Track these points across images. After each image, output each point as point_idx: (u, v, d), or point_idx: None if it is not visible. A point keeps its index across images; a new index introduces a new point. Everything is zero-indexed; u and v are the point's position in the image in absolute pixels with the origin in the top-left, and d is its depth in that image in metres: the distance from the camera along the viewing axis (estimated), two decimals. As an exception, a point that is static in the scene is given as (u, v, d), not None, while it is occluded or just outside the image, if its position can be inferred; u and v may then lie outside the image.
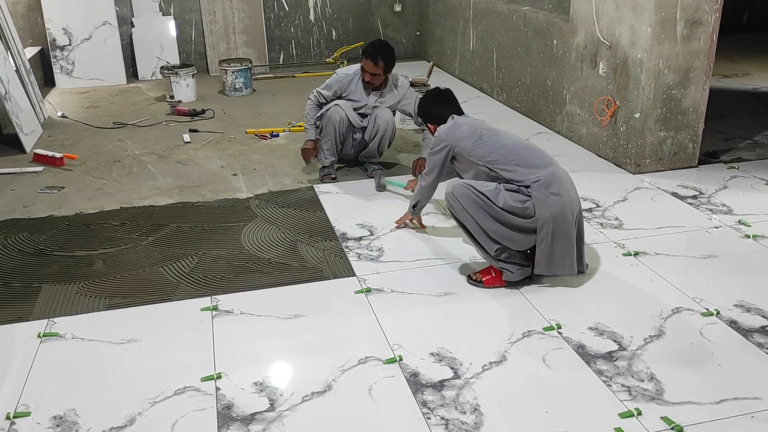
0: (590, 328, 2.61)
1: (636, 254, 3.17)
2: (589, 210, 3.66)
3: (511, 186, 2.77)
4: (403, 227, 3.50)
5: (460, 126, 2.97)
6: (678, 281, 2.94)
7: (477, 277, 2.94)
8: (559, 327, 2.62)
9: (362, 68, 4.01)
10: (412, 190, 3.65)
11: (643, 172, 4.16)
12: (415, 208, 3.33)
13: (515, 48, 5.51)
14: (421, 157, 3.97)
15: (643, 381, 2.30)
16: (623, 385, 2.28)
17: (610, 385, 2.29)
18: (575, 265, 2.82)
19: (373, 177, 4.16)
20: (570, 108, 4.75)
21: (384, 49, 3.96)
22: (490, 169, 2.82)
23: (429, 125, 3.19)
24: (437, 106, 3.13)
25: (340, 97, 4.12)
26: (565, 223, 2.75)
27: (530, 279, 2.92)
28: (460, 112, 3.10)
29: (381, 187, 4.00)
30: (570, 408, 2.20)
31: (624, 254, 3.18)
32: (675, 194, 3.86)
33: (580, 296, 2.84)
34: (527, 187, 2.75)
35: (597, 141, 4.47)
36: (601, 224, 3.49)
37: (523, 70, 5.42)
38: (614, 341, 2.53)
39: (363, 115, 4.13)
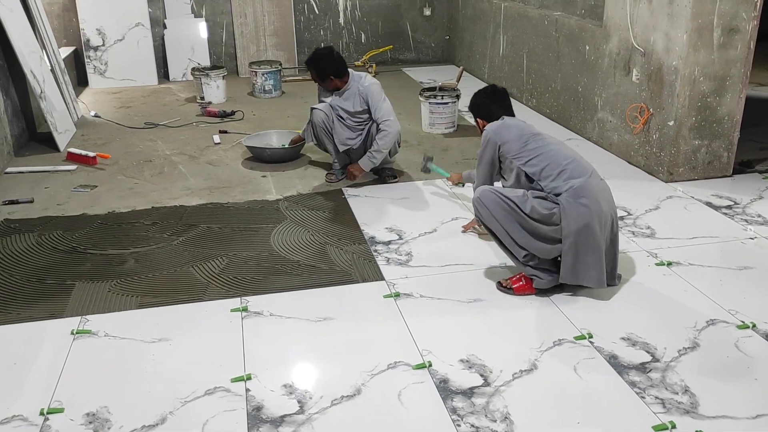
0: (622, 339, 2.57)
1: (669, 264, 3.13)
2: (621, 218, 3.62)
3: (540, 193, 2.75)
4: (472, 232, 3.49)
5: (509, 127, 2.95)
6: (712, 292, 2.89)
7: (507, 284, 2.92)
8: (591, 336, 2.59)
9: None
10: (454, 183, 3.89)
11: (675, 181, 4.10)
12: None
13: (546, 53, 5.47)
14: (356, 164, 4.11)
15: (677, 393, 2.27)
16: (657, 398, 2.25)
17: (644, 397, 2.25)
18: (603, 278, 2.76)
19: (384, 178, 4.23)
20: (601, 115, 4.70)
21: (313, 59, 4.05)
22: (528, 175, 2.81)
23: (478, 120, 3.17)
24: (490, 104, 3.11)
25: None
26: (592, 235, 2.70)
27: (561, 287, 2.89)
28: (512, 114, 3.09)
29: (425, 170, 4.06)
30: (602, 419, 2.17)
31: (656, 264, 3.13)
32: (709, 204, 3.80)
33: (612, 305, 2.81)
34: (557, 194, 2.72)
35: (629, 148, 4.42)
36: (633, 233, 3.45)
37: (553, 76, 5.38)
38: (647, 352, 2.49)
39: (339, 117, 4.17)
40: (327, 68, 4.03)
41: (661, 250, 3.27)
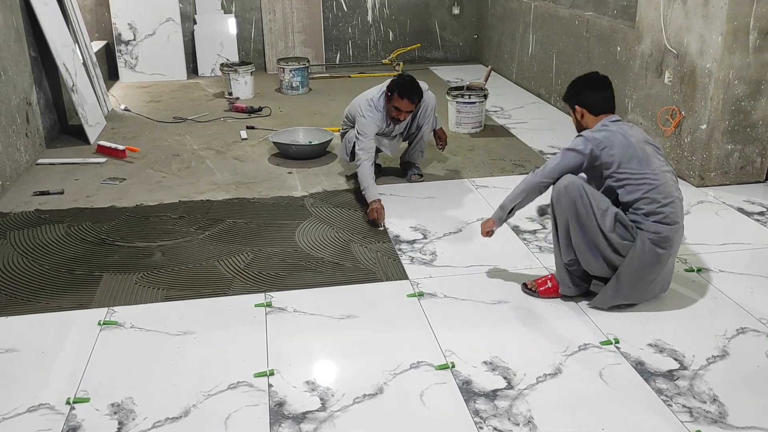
0: (650, 345, 2.53)
1: (699, 270, 3.07)
2: (650, 222, 3.57)
3: (625, 218, 2.59)
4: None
5: (614, 134, 2.62)
6: (743, 300, 2.83)
7: (532, 286, 2.89)
8: (617, 342, 2.55)
9: (395, 107, 3.75)
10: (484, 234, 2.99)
11: (707, 186, 4.03)
12: (510, 213, 2.85)
13: (576, 54, 5.41)
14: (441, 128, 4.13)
15: (705, 402, 2.22)
16: (684, 406, 2.21)
17: (671, 405, 2.21)
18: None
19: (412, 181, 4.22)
20: (632, 117, 4.63)
21: (417, 86, 3.74)
22: (619, 196, 2.63)
23: (576, 108, 2.79)
24: (591, 92, 2.76)
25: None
26: (646, 280, 2.66)
27: (586, 294, 2.84)
28: (613, 107, 2.79)
29: None
30: (627, 426, 2.13)
31: (686, 270, 3.08)
32: (741, 210, 3.73)
33: (640, 311, 2.76)
34: (640, 229, 2.59)
35: (659, 151, 4.35)
36: (662, 237, 3.39)
37: (583, 77, 5.31)
38: (675, 359, 2.45)
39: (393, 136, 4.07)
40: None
41: (690, 256, 3.21)
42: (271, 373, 2.39)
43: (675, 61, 4.10)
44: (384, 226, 3.58)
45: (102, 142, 4.74)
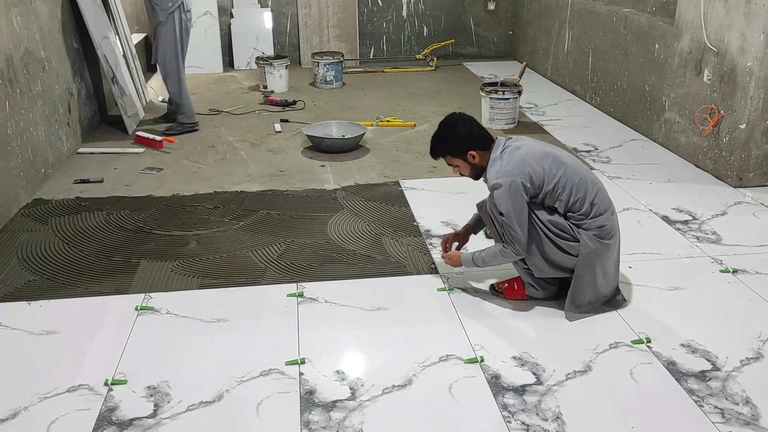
0: (682, 345, 2.51)
1: (734, 271, 3.03)
2: (685, 222, 3.52)
3: (559, 235, 2.57)
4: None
5: (525, 159, 2.53)
6: (780, 303, 2.79)
7: (499, 288, 2.86)
8: (649, 341, 2.53)
9: None
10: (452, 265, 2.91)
11: (745, 186, 3.96)
12: (477, 264, 2.77)
13: (613, 51, 5.35)
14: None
15: (737, 404, 2.20)
16: (716, 407, 2.19)
17: (702, 406, 2.19)
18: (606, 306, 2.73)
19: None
20: (669, 115, 4.57)
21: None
22: (552, 209, 2.59)
23: (469, 155, 2.63)
24: (469, 131, 2.63)
25: None
26: (607, 266, 2.65)
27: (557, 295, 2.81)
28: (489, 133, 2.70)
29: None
30: (657, 425, 2.12)
31: (721, 271, 3.04)
32: (779, 211, 3.66)
33: (672, 311, 2.74)
34: (582, 228, 2.56)
35: (696, 151, 4.29)
36: (697, 238, 3.35)
37: (620, 74, 5.26)
38: (708, 360, 2.42)
39: None
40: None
41: (726, 257, 3.17)
42: (302, 362, 2.43)
43: (715, 59, 4.03)
44: None
45: (140, 133, 4.84)
